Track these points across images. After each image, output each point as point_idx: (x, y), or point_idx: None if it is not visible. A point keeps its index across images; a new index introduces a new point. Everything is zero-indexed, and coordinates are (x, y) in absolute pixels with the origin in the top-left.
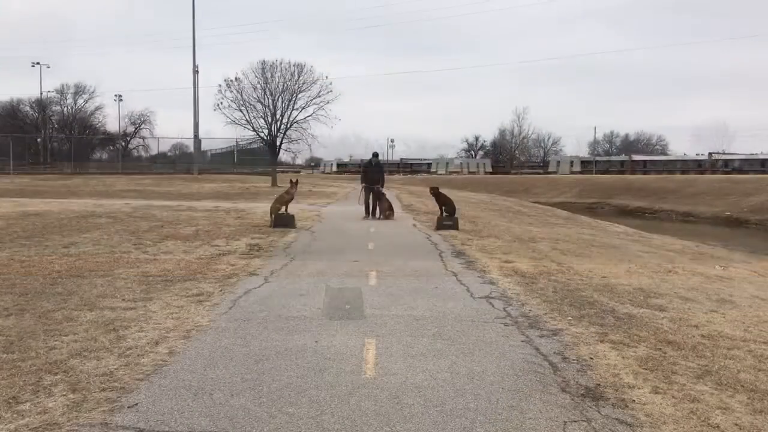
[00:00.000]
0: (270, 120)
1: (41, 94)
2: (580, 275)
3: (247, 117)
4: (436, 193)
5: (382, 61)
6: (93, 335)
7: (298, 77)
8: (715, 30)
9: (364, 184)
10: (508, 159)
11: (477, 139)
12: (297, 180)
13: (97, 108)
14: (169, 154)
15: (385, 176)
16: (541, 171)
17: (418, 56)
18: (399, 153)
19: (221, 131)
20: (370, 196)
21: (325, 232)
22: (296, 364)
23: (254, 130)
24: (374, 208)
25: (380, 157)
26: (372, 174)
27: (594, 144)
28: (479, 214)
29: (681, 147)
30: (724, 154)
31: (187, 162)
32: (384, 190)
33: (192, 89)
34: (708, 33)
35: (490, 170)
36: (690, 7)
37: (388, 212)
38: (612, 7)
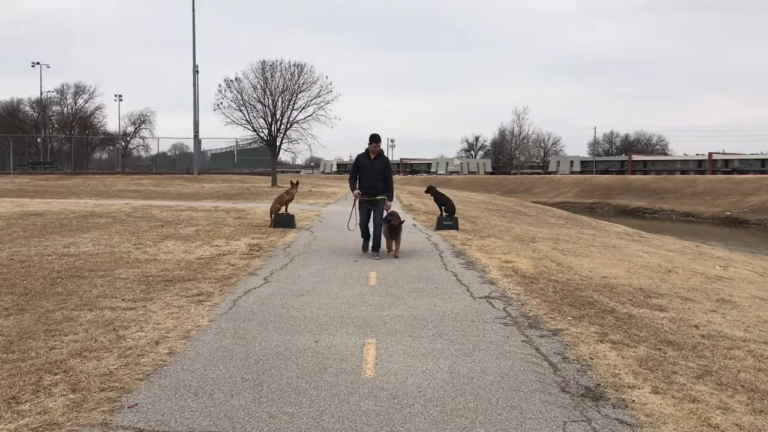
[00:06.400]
0: (270, 120)
1: (41, 94)
2: (580, 275)
3: (247, 117)
4: (433, 192)
5: (383, 61)
6: (93, 335)
7: (298, 77)
8: (717, 30)
9: (358, 192)
10: (508, 159)
11: (477, 139)
12: (297, 181)
13: (97, 108)
14: (169, 154)
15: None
16: (541, 171)
17: (418, 56)
18: (399, 153)
19: (221, 131)
20: (371, 218)
21: (325, 232)
22: (296, 364)
23: (254, 130)
24: (379, 238)
25: (382, 146)
26: (371, 177)
27: (594, 144)
28: (479, 214)
29: (681, 147)
30: (724, 154)
31: (187, 162)
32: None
33: (192, 89)
34: (709, 33)
35: (490, 170)
36: (691, 6)
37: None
38: (613, 7)
